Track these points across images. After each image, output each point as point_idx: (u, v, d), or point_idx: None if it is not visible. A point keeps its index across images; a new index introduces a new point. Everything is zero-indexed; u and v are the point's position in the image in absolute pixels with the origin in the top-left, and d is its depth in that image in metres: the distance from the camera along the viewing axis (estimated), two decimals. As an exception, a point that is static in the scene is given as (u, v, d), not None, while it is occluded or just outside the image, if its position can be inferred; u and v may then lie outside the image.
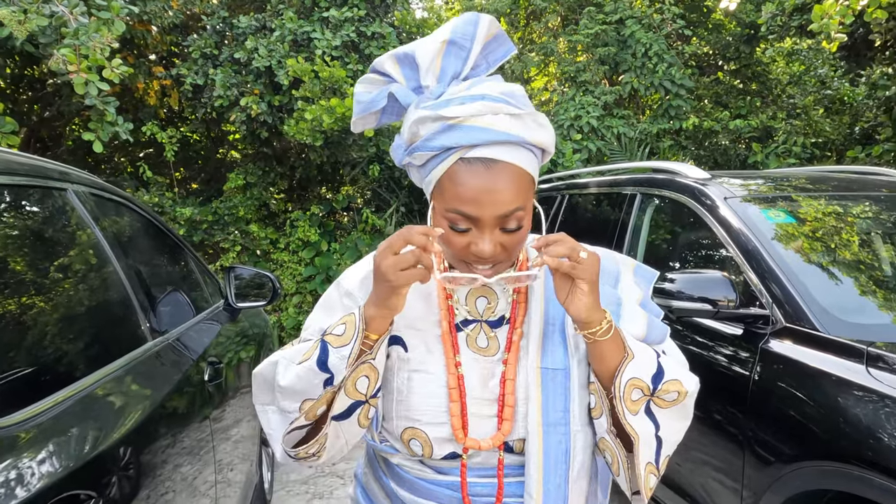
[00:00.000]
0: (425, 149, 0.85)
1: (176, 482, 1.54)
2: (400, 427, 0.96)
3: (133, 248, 1.97)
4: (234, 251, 6.38)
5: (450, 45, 0.89)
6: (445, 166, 0.85)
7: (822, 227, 2.63)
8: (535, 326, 0.97)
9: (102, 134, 4.42)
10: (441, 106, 0.85)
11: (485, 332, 0.98)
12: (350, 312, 0.91)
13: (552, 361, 0.95)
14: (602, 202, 3.89)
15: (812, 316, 2.08)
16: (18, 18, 3.55)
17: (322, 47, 5.44)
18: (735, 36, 7.81)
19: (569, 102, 7.30)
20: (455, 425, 0.92)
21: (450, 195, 0.85)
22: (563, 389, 0.94)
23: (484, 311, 0.99)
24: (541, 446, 0.91)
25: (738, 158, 7.34)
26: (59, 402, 1.15)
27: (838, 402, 1.82)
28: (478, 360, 0.96)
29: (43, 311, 1.31)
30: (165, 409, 1.53)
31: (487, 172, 0.83)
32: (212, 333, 2.25)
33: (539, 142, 0.87)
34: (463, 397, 0.94)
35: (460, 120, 0.83)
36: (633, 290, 1.03)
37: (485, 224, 0.85)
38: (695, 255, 2.97)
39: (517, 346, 0.96)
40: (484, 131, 0.83)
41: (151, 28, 6.19)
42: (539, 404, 0.92)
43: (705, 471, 2.37)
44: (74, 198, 1.60)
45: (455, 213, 0.85)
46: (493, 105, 0.84)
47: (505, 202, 0.84)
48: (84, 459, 1.12)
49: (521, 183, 0.85)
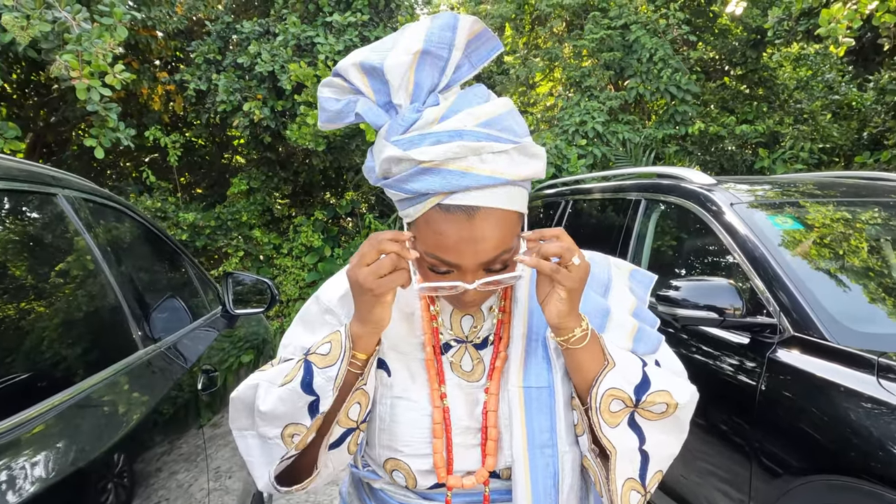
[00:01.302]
0: (398, 189, 0.77)
1: (169, 490, 1.51)
2: (383, 456, 0.92)
3: (127, 255, 1.94)
4: (237, 256, 6.37)
5: (423, 56, 0.76)
6: (422, 209, 0.76)
7: (831, 233, 2.58)
8: (517, 344, 0.91)
9: (104, 140, 4.42)
10: (413, 144, 0.74)
11: (469, 355, 0.93)
12: (335, 330, 0.86)
13: (535, 379, 0.89)
14: (606, 208, 3.85)
15: (821, 325, 2.03)
16: (21, 24, 3.54)
17: (325, 52, 5.43)
18: (741, 41, 7.77)
19: (574, 107, 7.27)
20: (438, 463, 0.88)
21: (429, 241, 0.78)
22: (548, 408, 0.88)
23: (469, 332, 0.94)
24: (527, 472, 0.86)
25: (744, 164, 7.28)
26: (42, 412, 1.12)
27: (848, 414, 1.76)
28: (462, 386, 0.91)
29: (27, 318, 1.28)
30: (155, 418, 1.49)
31: (469, 221, 0.75)
32: (207, 341, 2.22)
33: (528, 177, 0.78)
34: (448, 432, 0.89)
35: (436, 164, 0.73)
36: (625, 299, 0.97)
37: (467, 270, 0.79)
38: (700, 262, 2.93)
39: (499, 373, 0.91)
40: (463, 176, 0.73)
41: (156, 34, 6.21)
42: (523, 427, 0.87)
43: (711, 482, 2.31)
44: (65, 203, 1.58)
45: (435, 258, 0.79)
46: (472, 145, 0.73)
47: (488, 250, 0.77)
48: (68, 470, 1.08)
49: (507, 225, 0.78)
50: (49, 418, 1.13)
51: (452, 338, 0.94)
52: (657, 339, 0.94)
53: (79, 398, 1.25)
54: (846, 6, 4.04)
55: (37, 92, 7.57)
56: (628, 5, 7.36)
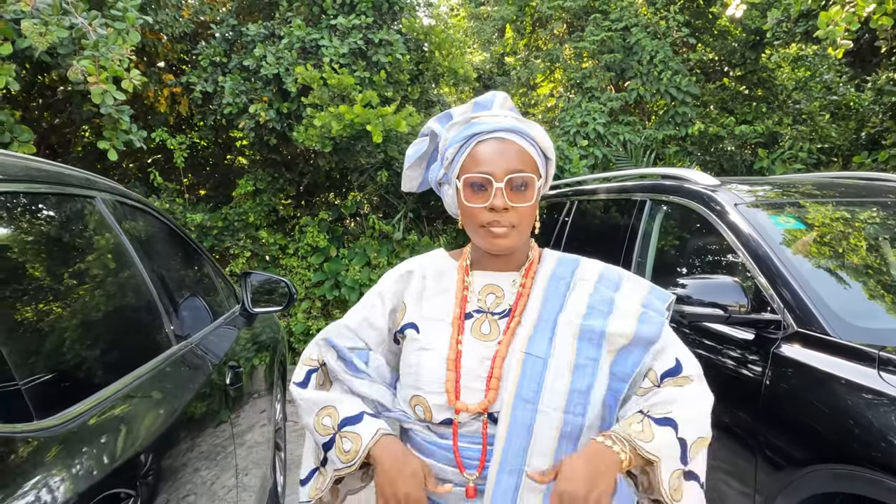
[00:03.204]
0: (455, 140, 1.13)
1: (197, 486, 1.57)
2: (408, 395, 1.16)
3: (156, 254, 2.01)
4: (244, 257, 6.43)
5: (476, 105, 1.20)
6: (468, 150, 1.12)
7: (831, 232, 2.66)
8: (530, 317, 1.14)
9: (117, 142, 4.48)
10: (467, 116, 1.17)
11: (489, 321, 1.16)
12: (370, 428, 1.12)
13: (535, 349, 1.09)
14: (611, 209, 3.92)
15: (823, 320, 2.10)
16: (39, 31, 3.60)
17: (330, 55, 5.50)
18: (741, 42, 7.85)
19: (575, 109, 7.34)
20: (449, 390, 1.10)
21: (471, 166, 1.10)
22: (538, 375, 1.07)
23: (491, 305, 1.18)
24: (507, 417, 1.06)
25: (744, 164, 7.36)
26: (90, 408, 1.18)
27: (850, 406, 1.84)
28: (477, 343, 1.14)
29: (76, 316, 1.35)
30: (190, 414, 1.56)
31: (499, 144, 1.10)
32: (230, 338, 2.29)
33: (538, 136, 1.14)
34: (458, 369, 1.11)
35: (479, 118, 1.14)
36: (636, 292, 1.17)
37: (497, 178, 1.08)
38: (705, 261, 3.00)
39: (513, 332, 1.13)
40: (497, 123, 1.12)
41: (162, 37, 6.26)
42: (515, 382, 1.07)
43: (717, 475, 2.39)
44: (102, 205, 1.65)
45: (474, 174, 1.09)
46: (503, 111, 1.18)
47: (512, 161, 1.09)
48: (116, 463, 1.15)
49: (526, 158, 1.11)
50: (96, 412, 1.19)
51: (477, 308, 1.18)
52: (661, 320, 1.12)
53: (126, 391, 1.32)
54: (844, 9, 4.12)
55: (41, 94, 7.63)
56: (629, 8, 7.44)
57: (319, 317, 6.41)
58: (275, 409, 3.22)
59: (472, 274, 1.22)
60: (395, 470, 1.06)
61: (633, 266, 3.26)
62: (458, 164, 1.13)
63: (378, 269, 6.30)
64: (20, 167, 1.35)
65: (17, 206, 1.29)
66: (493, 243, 1.12)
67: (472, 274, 1.22)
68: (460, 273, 1.22)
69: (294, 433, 4.68)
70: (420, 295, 1.22)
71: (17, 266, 1.21)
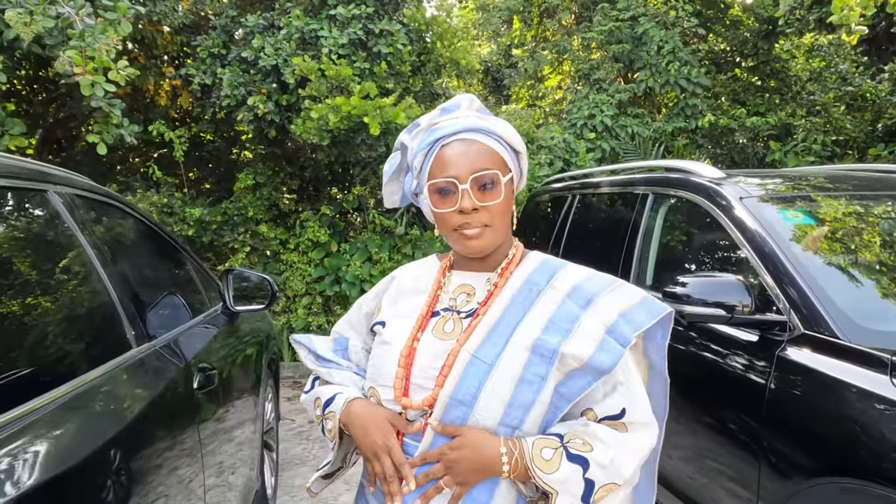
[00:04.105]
0: (420, 148, 1.13)
1: (168, 487, 1.48)
2: (367, 386, 1.18)
3: (123, 252, 1.91)
4: (244, 252, 6.35)
5: (443, 111, 1.19)
6: (433, 155, 1.11)
7: (843, 228, 2.52)
8: (488, 320, 1.10)
9: (107, 136, 4.40)
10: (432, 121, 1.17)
11: (454, 320, 1.14)
12: (336, 405, 1.17)
13: (483, 353, 1.06)
14: (613, 202, 3.79)
15: (832, 322, 1.97)
16: (24, 20, 3.52)
17: (329, 45, 5.39)
18: (753, 32, 7.65)
19: (582, 101, 7.19)
20: (397, 386, 1.10)
21: (436, 170, 1.10)
22: (478, 380, 1.04)
23: (460, 303, 1.17)
24: (439, 414, 1.05)
25: (755, 157, 7.18)
26: (26, 413, 1.09)
27: (860, 415, 1.71)
28: (435, 341, 1.12)
29: (15, 316, 1.25)
30: (146, 418, 1.46)
31: (462, 145, 1.09)
32: (206, 338, 2.19)
33: (503, 131, 1.12)
34: (409, 366, 1.10)
35: (441, 123, 1.14)
36: (605, 314, 1.08)
37: (461, 179, 1.06)
38: (709, 258, 2.87)
39: (470, 332, 1.10)
40: (458, 124, 1.11)
41: (162, 28, 6.18)
42: (455, 381, 1.05)
43: (719, 481, 2.27)
44: (56, 199, 1.55)
45: (439, 179, 1.08)
46: (465, 112, 1.17)
47: (475, 161, 1.08)
48: (52, 473, 1.05)
49: (491, 155, 1.10)
50: (34, 419, 1.10)
51: (446, 307, 1.17)
52: (618, 353, 1.04)
53: (66, 399, 1.22)
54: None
55: (45, 88, 7.58)
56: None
57: (320, 313, 6.33)
58: (264, 408, 3.13)
59: (451, 274, 1.21)
60: (362, 427, 1.10)
61: (635, 263, 3.13)
62: (425, 171, 1.12)
63: (379, 265, 6.20)
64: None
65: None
66: (467, 245, 1.10)
67: (449, 274, 1.21)
68: (439, 273, 1.22)
69: (290, 432, 4.60)
70: (397, 295, 1.24)
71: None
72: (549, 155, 6.74)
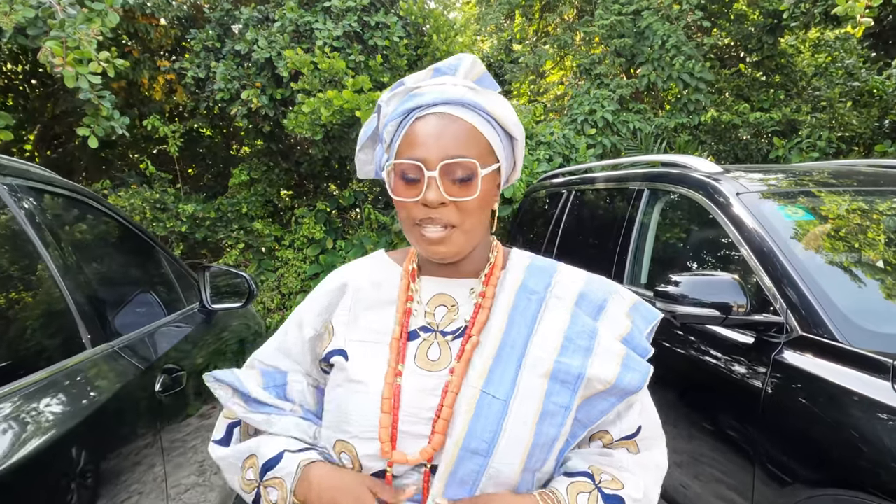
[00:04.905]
0: (393, 117, 0.89)
1: (116, 498, 1.40)
2: (332, 439, 0.91)
3: (83, 248, 1.83)
4: (238, 248, 6.27)
5: (435, 71, 0.94)
6: (404, 129, 0.88)
7: (846, 225, 2.41)
8: (490, 342, 0.88)
9: (98, 129, 4.32)
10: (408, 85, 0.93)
11: (438, 344, 0.92)
12: (285, 470, 0.91)
13: (494, 387, 0.85)
14: (609, 198, 3.69)
15: (831, 324, 1.87)
16: (4, 10, 3.45)
17: (323, 37, 5.29)
18: (758, 26, 7.51)
19: (583, 96, 7.07)
20: (383, 438, 0.85)
21: (403, 148, 0.87)
22: (495, 422, 0.84)
23: (442, 321, 0.94)
24: (448, 471, 0.84)
25: (759, 153, 7.05)
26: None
27: (859, 423, 1.61)
28: (422, 374, 0.89)
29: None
30: (95, 423, 1.37)
31: (438, 120, 0.86)
32: (176, 338, 2.10)
33: (496, 109, 0.89)
34: (396, 410, 0.87)
35: (423, 88, 0.90)
36: (618, 324, 0.94)
37: (429, 165, 0.84)
38: (705, 256, 2.76)
39: (468, 360, 0.88)
40: (440, 93, 0.88)
41: (156, 21, 6.10)
42: (465, 427, 0.83)
43: (712, 488, 2.17)
44: (4, 191, 1.46)
45: (405, 160, 0.86)
46: (453, 79, 0.91)
47: (450, 146, 0.85)
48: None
49: (473, 138, 0.87)
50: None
51: (423, 325, 0.93)
52: (645, 371, 0.90)
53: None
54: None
55: (42, 83, 7.52)
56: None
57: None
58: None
59: (420, 280, 0.97)
60: (332, 501, 0.85)
61: (629, 261, 3.03)
62: (395, 146, 0.89)
63: (375, 262, 6.10)
64: None
65: None
66: (428, 250, 0.89)
67: (419, 280, 0.97)
68: (405, 279, 0.97)
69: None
70: (352, 312, 0.96)
71: None
72: (549, 151, 6.63)
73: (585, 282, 0.96)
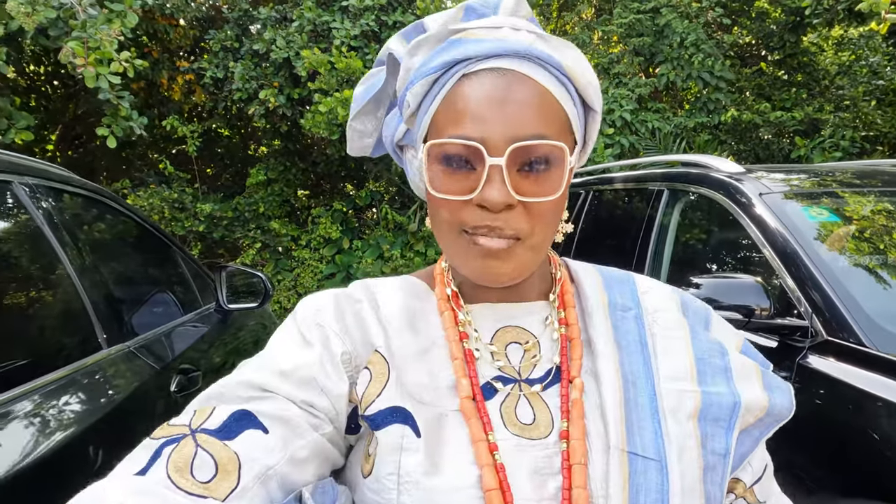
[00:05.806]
0: (424, 73, 0.61)
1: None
2: None
3: (101, 248, 1.83)
4: (255, 248, 6.30)
5: (468, 11, 0.66)
6: (444, 91, 0.60)
7: (872, 226, 2.35)
8: (609, 380, 0.63)
9: (116, 129, 4.36)
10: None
11: (526, 397, 0.64)
12: None
13: (641, 446, 0.60)
14: (627, 199, 3.64)
15: (857, 328, 1.82)
16: (26, 11, 3.48)
17: (341, 37, 5.30)
18: (779, 24, 7.40)
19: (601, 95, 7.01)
20: None
21: (445, 121, 0.60)
22: (659, 493, 0.58)
23: (522, 365, 0.66)
24: None
25: (781, 153, 6.94)
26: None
27: (889, 432, 1.56)
28: (523, 446, 0.61)
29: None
30: (111, 423, 1.37)
31: (498, 81, 0.58)
32: (192, 338, 2.10)
33: (573, 66, 0.61)
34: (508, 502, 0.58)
35: (469, 33, 0.61)
36: (729, 333, 0.73)
37: (493, 148, 0.56)
38: (726, 258, 2.72)
39: (581, 413, 0.62)
40: (499, 41, 0.59)
41: (175, 22, 6.15)
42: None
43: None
44: (21, 191, 1.46)
45: (454, 139, 0.57)
46: (513, 20, 0.62)
47: (523, 121, 0.57)
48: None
49: (548, 108, 0.59)
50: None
51: (498, 375, 0.65)
52: (787, 387, 0.70)
53: (14, 403, 1.13)
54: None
55: (63, 84, 7.62)
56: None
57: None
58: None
59: (468, 310, 0.69)
60: None
61: (648, 262, 2.99)
62: (427, 115, 0.62)
63: (391, 262, 6.10)
64: None
65: None
66: (482, 267, 0.61)
67: (466, 309, 0.69)
68: (447, 309, 0.68)
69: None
70: (397, 356, 0.65)
71: None
72: (566, 150, 6.58)
73: (673, 289, 0.75)
